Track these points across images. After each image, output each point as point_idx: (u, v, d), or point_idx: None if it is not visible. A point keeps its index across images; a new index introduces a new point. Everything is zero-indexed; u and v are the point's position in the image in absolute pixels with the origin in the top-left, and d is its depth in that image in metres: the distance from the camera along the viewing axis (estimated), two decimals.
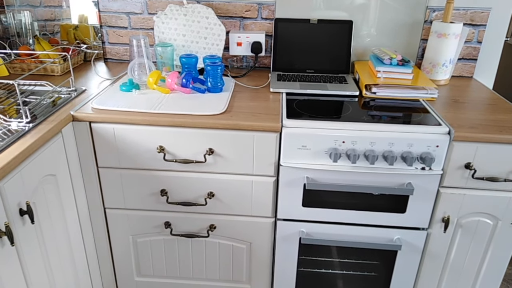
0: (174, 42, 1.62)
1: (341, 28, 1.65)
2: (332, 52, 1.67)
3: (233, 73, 1.71)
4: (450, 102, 1.43)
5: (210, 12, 1.61)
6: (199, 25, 1.61)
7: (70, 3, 1.75)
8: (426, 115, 1.32)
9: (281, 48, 1.68)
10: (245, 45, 1.70)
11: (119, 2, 1.70)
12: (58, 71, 1.60)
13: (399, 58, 1.48)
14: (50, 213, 1.19)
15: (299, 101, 1.42)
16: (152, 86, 1.43)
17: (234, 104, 1.37)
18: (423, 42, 1.68)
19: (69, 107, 1.29)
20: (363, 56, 1.73)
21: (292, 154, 1.28)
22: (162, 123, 1.25)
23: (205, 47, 1.65)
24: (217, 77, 1.45)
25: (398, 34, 1.67)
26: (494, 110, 1.36)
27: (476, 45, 1.66)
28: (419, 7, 1.62)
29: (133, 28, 1.75)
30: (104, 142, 1.29)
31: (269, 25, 1.71)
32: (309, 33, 1.66)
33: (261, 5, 1.68)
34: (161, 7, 1.70)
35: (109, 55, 1.81)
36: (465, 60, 1.69)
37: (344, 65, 1.67)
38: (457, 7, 1.61)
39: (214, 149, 1.29)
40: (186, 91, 1.43)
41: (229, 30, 1.73)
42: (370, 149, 1.25)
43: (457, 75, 1.72)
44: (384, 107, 1.39)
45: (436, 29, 1.55)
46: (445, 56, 1.56)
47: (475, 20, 1.62)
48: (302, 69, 1.69)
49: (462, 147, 1.21)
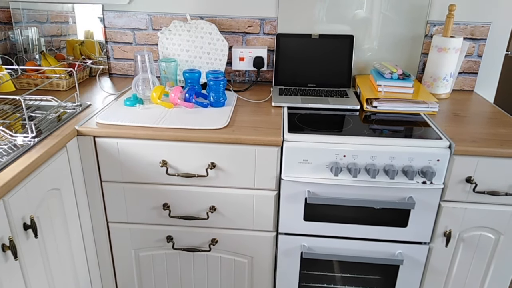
0: (177, 58, 1.65)
1: (342, 42, 1.67)
2: (334, 66, 1.69)
3: (235, 87, 1.73)
4: (451, 116, 1.43)
5: (213, 28, 1.64)
6: (202, 41, 1.64)
7: (77, 19, 1.79)
8: (426, 129, 1.32)
9: (283, 62, 1.70)
10: (247, 60, 1.72)
11: (124, 19, 1.74)
12: (64, 86, 1.63)
13: (400, 72, 1.50)
14: (54, 227, 1.20)
15: (300, 115, 1.44)
16: (155, 101, 1.45)
17: (236, 118, 1.38)
18: (424, 56, 1.69)
19: (74, 122, 1.32)
20: (364, 70, 1.75)
21: (294, 168, 1.29)
22: (165, 137, 1.27)
23: (208, 62, 1.67)
24: (219, 92, 1.47)
25: (399, 48, 1.69)
26: (495, 123, 1.37)
27: (477, 59, 1.67)
28: (419, 21, 1.64)
29: (137, 44, 1.78)
30: (108, 156, 1.31)
31: (271, 40, 1.74)
32: (311, 48, 1.69)
33: (263, 21, 1.71)
34: (165, 23, 1.74)
35: (114, 70, 1.84)
36: (465, 74, 1.71)
37: (346, 79, 1.69)
38: (457, 22, 1.63)
39: (216, 163, 1.30)
40: (189, 106, 1.45)
41: (232, 45, 1.75)
42: (371, 163, 1.26)
43: (458, 88, 1.73)
44: (385, 121, 1.40)
45: (436, 43, 1.57)
46: (445, 70, 1.57)
47: (475, 34, 1.64)
48: (303, 83, 1.71)
49: (463, 161, 1.21)
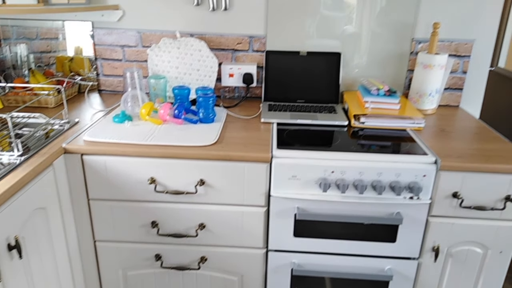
0: (167, 74, 1.66)
1: (330, 59, 1.70)
2: (322, 82, 1.71)
3: (225, 103, 1.74)
4: (437, 131, 1.45)
5: (203, 45, 1.65)
6: (192, 58, 1.65)
7: (66, 35, 1.79)
8: (413, 144, 1.34)
9: (272, 79, 1.72)
10: (237, 76, 1.74)
11: (114, 36, 1.75)
12: (52, 103, 1.62)
13: (386, 89, 1.52)
14: (39, 247, 1.18)
15: (289, 131, 1.45)
16: (144, 117, 1.45)
17: (226, 134, 1.39)
18: (410, 72, 1.72)
19: (61, 140, 1.31)
20: (352, 86, 1.78)
21: (283, 184, 1.29)
22: (153, 154, 1.26)
23: (198, 79, 1.68)
24: (209, 108, 1.48)
25: (385, 65, 1.72)
26: (480, 139, 1.39)
27: (462, 75, 1.71)
28: (405, 39, 1.68)
29: (127, 60, 1.79)
30: (95, 174, 1.30)
31: (260, 57, 1.76)
32: (299, 65, 1.71)
33: (252, 38, 1.73)
34: (155, 40, 1.75)
35: (103, 87, 1.84)
36: (451, 90, 1.74)
37: (334, 95, 1.71)
38: (441, 39, 1.66)
39: (205, 180, 1.30)
40: (178, 122, 1.45)
41: (221, 62, 1.77)
42: (359, 178, 1.26)
43: (444, 104, 1.76)
44: (373, 137, 1.41)
45: (421, 60, 1.60)
46: (431, 87, 1.60)
47: (459, 51, 1.68)
48: (292, 99, 1.73)
49: (449, 177, 1.23)
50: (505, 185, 1.22)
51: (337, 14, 1.67)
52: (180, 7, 1.70)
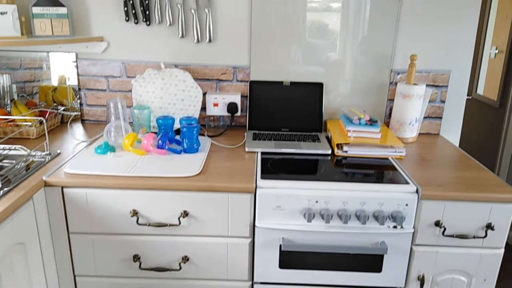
0: (151, 104, 1.66)
1: (313, 89, 1.73)
2: (305, 111, 1.74)
3: (210, 132, 1.75)
4: (418, 159, 1.48)
5: (187, 76, 1.67)
6: (177, 88, 1.67)
7: (51, 64, 1.79)
8: (395, 173, 1.36)
9: (256, 108, 1.74)
10: (221, 106, 1.75)
11: (99, 67, 1.76)
12: (34, 134, 1.60)
13: (367, 118, 1.55)
14: (16, 283, 1.14)
15: (274, 160, 1.45)
16: (127, 148, 1.44)
17: (210, 164, 1.39)
18: (390, 102, 1.77)
19: (42, 172, 1.29)
20: (334, 115, 1.81)
21: (267, 215, 1.29)
22: (136, 186, 1.25)
23: (182, 108, 1.69)
24: (193, 138, 1.48)
25: (366, 94, 1.76)
26: (460, 167, 1.42)
27: (440, 104, 1.76)
28: (384, 70, 1.73)
29: (111, 91, 1.79)
30: (76, 207, 1.27)
31: (245, 87, 1.79)
32: (283, 94, 1.74)
33: (237, 69, 1.76)
34: (140, 71, 1.76)
35: (87, 117, 1.84)
36: (431, 119, 1.78)
37: (317, 124, 1.74)
38: (419, 70, 1.72)
39: (188, 211, 1.28)
40: (162, 153, 1.45)
41: (206, 92, 1.79)
42: (342, 208, 1.27)
43: (424, 132, 1.80)
44: (355, 165, 1.43)
45: (401, 90, 1.64)
46: (411, 116, 1.64)
47: (437, 81, 1.73)
48: (277, 128, 1.75)
49: (430, 205, 1.24)
50: (486, 213, 1.24)
51: (321, 41, 1.71)
52: (165, 39, 1.72)
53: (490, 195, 1.22)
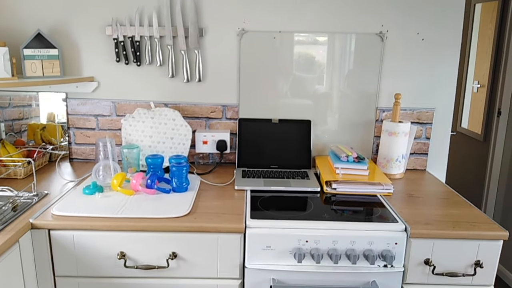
0: (141, 143, 1.67)
1: (301, 126, 1.76)
2: (294, 148, 1.76)
3: (199, 170, 1.75)
4: (405, 196, 1.50)
5: (177, 115, 1.69)
6: (166, 127, 1.68)
7: (40, 102, 1.80)
8: (384, 211, 1.37)
9: (245, 145, 1.76)
10: (210, 143, 1.77)
11: (88, 106, 1.77)
12: (21, 174, 1.59)
13: (355, 156, 1.58)
14: None
15: (263, 198, 1.46)
16: (116, 188, 1.43)
17: (199, 204, 1.38)
18: (377, 138, 1.80)
19: (29, 214, 1.27)
20: (323, 151, 1.83)
21: (257, 255, 1.27)
22: (123, 228, 1.24)
23: (172, 147, 1.70)
24: (182, 177, 1.48)
25: (353, 131, 1.80)
26: (447, 204, 1.44)
27: (425, 141, 1.80)
28: (370, 108, 1.77)
29: (101, 129, 1.80)
30: (62, 249, 1.25)
31: (234, 124, 1.81)
32: (271, 132, 1.76)
33: (226, 107, 1.79)
34: (130, 110, 1.78)
35: (75, 155, 1.83)
36: (417, 155, 1.82)
37: (306, 160, 1.76)
38: (404, 108, 1.77)
39: (177, 253, 1.27)
40: (150, 192, 1.44)
41: (195, 130, 1.80)
42: (333, 247, 1.27)
43: (411, 168, 1.83)
44: (345, 203, 1.44)
45: (386, 128, 1.68)
46: (397, 152, 1.67)
47: (421, 119, 1.78)
48: (266, 165, 1.76)
49: (419, 244, 1.25)
50: (474, 250, 1.25)
51: (308, 75, 1.76)
52: (155, 78, 1.75)
53: (478, 232, 1.23)
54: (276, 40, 1.71)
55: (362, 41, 1.70)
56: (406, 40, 1.71)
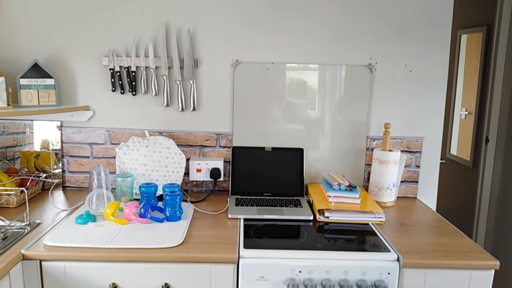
0: (134, 172, 1.68)
1: (294, 154, 1.79)
2: (287, 176, 1.78)
3: (192, 197, 1.75)
4: (397, 225, 1.51)
5: (171, 143, 1.71)
6: (160, 155, 1.70)
7: (34, 129, 1.81)
8: (376, 240, 1.38)
9: (239, 173, 1.77)
10: (204, 171, 1.78)
11: (83, 134, 1.79)
12: (14, 203, 1.58)
13: (347, 184, 1.60)
14: None
15: (256, 227, 1.46)
16: (109, 217, 1.43)
17: (192, 233, 1.38)
18: (368, 166, 1.83)
19: (21, 245, 1.26)
20: (315, 179, 1.85)
21: (251, 286, 1.27)
22: (115, 259, 1.23)
23: (166, 175, 1.71)
24: (175, 206, 1.48)
25: (345, 159, 1.83)
26: (438, 232, 1.45)
27: (416, 169, 1.83)
28: (361, 136, 1.81)
29: (95, 157, 1.81)
30: (53, 281, 1.24)
31: (227, 152, 1.83)
32: (265, 159, 1.78)
33: (220, 135, 1.81)
34: (124, 138, 1.79)
35: (68, 183, 1.83)
36: (407, 183, 1.85)
37: (299, 188, 1.77)
38: (394, 137, 1.81)
39: (169, 284, 1.26)
40: (143, 221, 1.44)
41: (189, 157, 1.82)
42: (326, 278, 1.27)
43: (402, 196, 1.86)
44: (337, 231, 1.45)
45: (377, 156, 1.71)
46: (388, 180, 1.70)
47: (411, 148, 1.82)
48: (259, 193, 1.77)
49: (412, 274, 1.26)
50: (466, 280, 1.26)
51: (300, 100, 1.79)
52: (150, 107, 1.78)
53: (469, 262, 1.25)
54: (269, 71, 1.76)
55: (352, 72, 1.76)
56: (394, 72, 1.76)
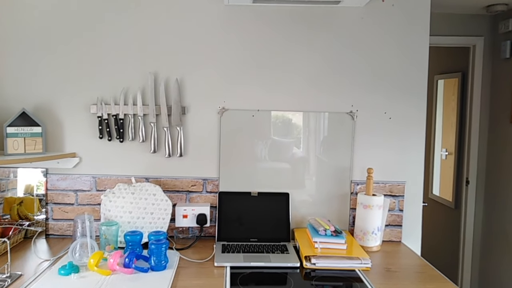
0: (120, 219, 1.67)
1: (279, 199, 1.81)
2: (273, 221, 1.79)
3: (178, 244, 1.74)
4: (383, 271, 1.52)
5: (158, 190, 1.71)
6: (146, 202, 1.70)
7: (19, 175, 1.79)
8: (362, 286, 1.38)
9: (225, 219, 1.78)
10: (190, 217, 1.78)
11: (68, 181, 1.78)
12: None
13: (332, 229, 1.61)
14: None
15: (243, 275, 1.45)
16: (92, 268, 1.41)
17: (178, 283, 1.36)
18: (353, 210, 1.86)
19: None
20: (301, 223, 1.86)
21: None
22: None
23: (151, 222, 1.70)
24: (161, 255, 1.47)
25: (330, 203, 1.85)
26: (423, 279, 1.46)
27: (399, 213, 1.87)
28: (345, 180, 1.85)
29: (79, 204, 1.79)
30: None
31: (214, 198, 1.84)
32: (251, 204, 1.80)
33: (206, 180, 1.83)
34: (110, 185, 1.79)
35: (52, 231, 1.80)
36: (392, 226, 1.87)
37: (285, 233, 1.78)
38: (376, 181, 1.85)
39: None
40: (128, 272, 1.42)
41: (176, 203, 1.82)
42: None
43: (387, 240, 1.88)
44: (324, 278, 1.45)
45: (361, 201, 1.75)
46: (372, 225, 1.72)
47: (394, 192, 1.86)
48: (245, 239, 1.77)
49: None
50: None
51: (286, 139, 1.84)
52: (137, 154, 1.80)
53: None
54: (254, 118, 1.81)
55: (335, 118, 1.82)
56: (374, 118, 1.83)
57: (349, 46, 1.81)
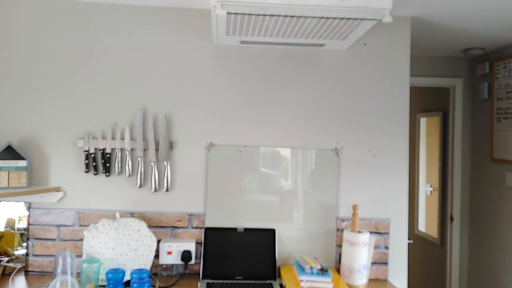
0: (102, 256, 1.63)
1: (266, 235, 1.80)
2: (259, 258, 1.77)
3: (162, 282, 1.70)
4: None
5: (142, 225, 1.69)
6: (130, 238, 1.67)
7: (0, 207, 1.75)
8: None
9: (210, 255, 1.75)
10: (175, 254, 1.75)
11: (51, 216, 1.75)
12: None
13: (319, 267, 1.60)
14: None
15: None
16: None
17: None
18: (339, 248, 1.85)
19: None
20: (287, 260, 1.85)
21: None
22: None
23: (135, 259, 1.67)
24: None
25: (316, 240, 1.85)
26: None
27: (385, 250, 1.87)
28: (331, 217, 1.85)
29: (61, 240, 1.76)
30: None
31: (200, 233, 1.82)
32: (237, 241, 1.78)
33: (192, 216, 1.82)
34: (94, 220, 1.77)
35: (32, 267, 1.75)
36: (378, 264, 1.87)
37: (271, 271, 1.76)
38: (362, 218, 1.86)
39: None
40: None
41: (160, 239, 1.79)
42: None
43: (374, 278, 1.87)
44: None
45: (347, 238, 1.75)
46: (359, 263, 1.71)
47: (379, 229, 1.87)
48: (231, 276, 1.74)
49: None
50: None
51: (274, 172, 1.85)
52: (123, 188, 1.79)
53: None
54: (241, 153, 1.83)
55: (321, 155, 1.85)
56: (359, 156, 1.87)
57: (334, 85, 1.87)
